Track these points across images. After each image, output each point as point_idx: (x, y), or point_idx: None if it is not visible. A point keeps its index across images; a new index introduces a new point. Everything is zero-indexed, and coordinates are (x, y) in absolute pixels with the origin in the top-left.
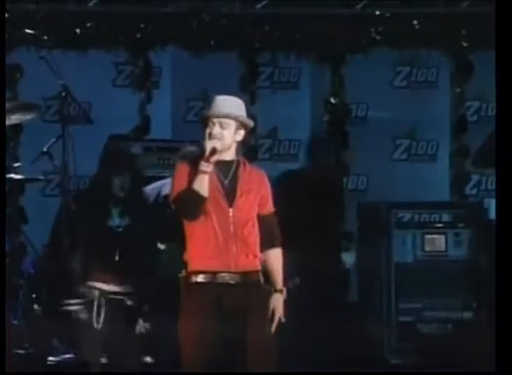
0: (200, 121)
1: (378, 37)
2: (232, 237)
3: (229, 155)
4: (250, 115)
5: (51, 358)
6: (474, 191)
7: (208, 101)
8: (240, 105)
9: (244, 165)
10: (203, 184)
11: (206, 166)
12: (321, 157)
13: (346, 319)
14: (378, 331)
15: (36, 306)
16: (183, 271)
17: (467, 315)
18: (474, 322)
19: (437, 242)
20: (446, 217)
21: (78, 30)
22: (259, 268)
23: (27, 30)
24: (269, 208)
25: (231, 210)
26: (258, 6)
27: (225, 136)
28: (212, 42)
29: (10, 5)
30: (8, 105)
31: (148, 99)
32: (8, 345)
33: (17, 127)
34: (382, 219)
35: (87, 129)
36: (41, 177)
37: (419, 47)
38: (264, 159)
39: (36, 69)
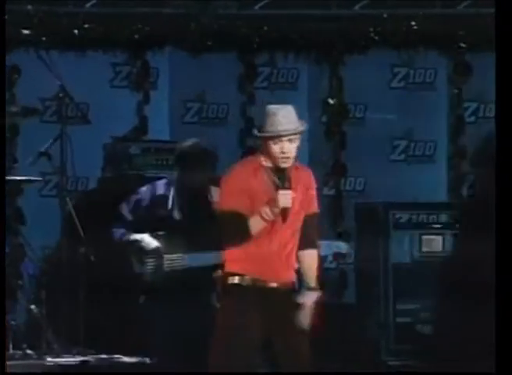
0: (263, 137)
1: (376, 38)
2: (277, 251)
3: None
4: (247, 116)
5: (49, 359)
6: (472, 192)
7: (205, 103)
8: (295, 113)
9: (296, 168)
10: (257, 227)
11: (268, 217)
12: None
13: (344, 320)
14: (376, 332)
15: (36, 307)
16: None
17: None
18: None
19: (434, 243)
20: (443, 218)
21: (76, 31)
22: (294, 280)
23: (25, 31)
24: (314, 208)
25: (283, 225)
26: (256, 7)
27: (294, 150)
28: (210, 43)
29: (8, 6)
30: (7, 108)
31: (146, 100)
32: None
33: (15, 128)
34: (380, 220)
35: (84, 129)
36: (39, 178)
37: (417, 48)
38: None
39: (34, 70)
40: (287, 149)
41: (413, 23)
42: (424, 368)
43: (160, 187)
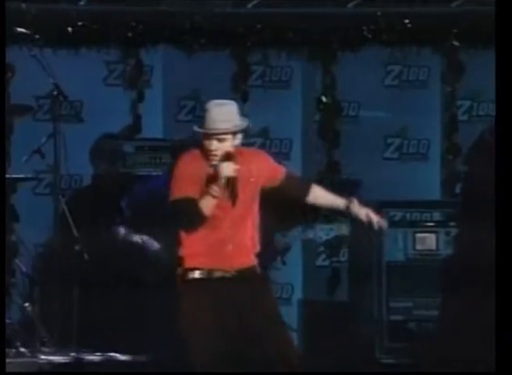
0: (195, 135)
1: (369, 36)
2: (230, 237)
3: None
4: (242, 114)
5: (42, 357)
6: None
7: (199, 101)
8: (233, 111)
9: (240, 153)
10: (209, 206)
11: (216, 191)
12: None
13: (337, 317)
14: (369, 330)
15: (29, 305)
16: (179, 268)
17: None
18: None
19: (428, 241)
20: (437, 216)
21: (69, 29)
22: (254, 263)
23: (19, 29)
24: (280, 172)
25: (231, 210)
26: (250, 5)
27: (224, 149)
28: (204, 41)
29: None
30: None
31: (140, 98)
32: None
33: (8, 126)
34: None
35: (78, 127)
36: (33, 176)
37: (410, 46)
38: None
39: (27, 68)
40: (215, 147)
41: (406, 20)
42: (417, 366)
43: (156, 182)
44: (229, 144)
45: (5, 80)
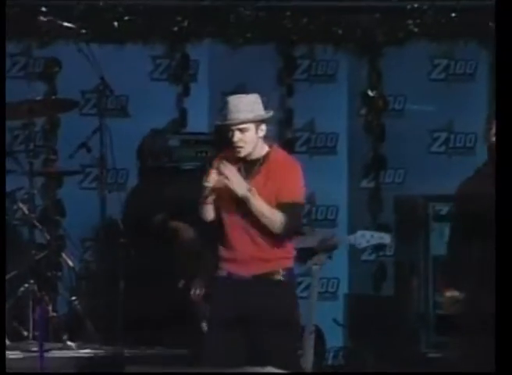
0: (217, 130)
1: (415, 30)
2: (246, 240)
3: (256, 154)
4: (286, 108)
5: (89, 350)
6: None
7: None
8: (253, 102)
9: (274, 157)
10: (207, 212)
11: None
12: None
13: (383, 312)
14: (415, 325)
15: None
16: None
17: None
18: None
19: None
20: None
21: (116, 24)
22: (275, 268)
23: (65, 24)
24: (285, 198)
25: (234, 216)
26: None
27: (247, 140)
28: (249, 35)
29: None
30: (47, 100)
31: (185, 92)
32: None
33: (55, 121)
34: (420, 212)
35: (124, 122)
36: (79, 170)
37: (457, 39)
38: (301, 152)
39: (74, 63)
40: (237, 138)
41: (453, 14)
42: (463, 359)
43: None
44: (252, 134)
45: (52, 74)
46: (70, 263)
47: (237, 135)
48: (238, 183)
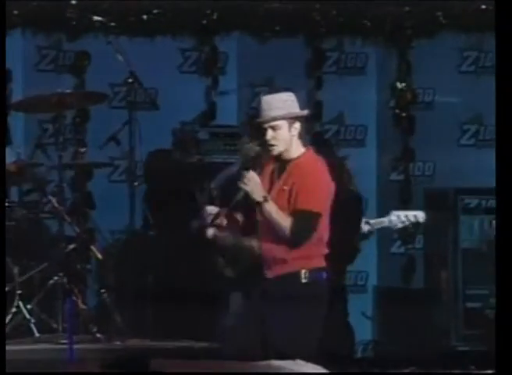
0: (251, 127)
1: (445, 22)
2: (259, 245)
3: (292, 154)
4: (315, 101)
5: (118, 343)
6: None
7: (273, 87)
8: (285, 100)
9: (302, 160)
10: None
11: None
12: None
13: (412, 305)
14: (445, 318)
15: (105, 291)
16: None
17: None
18: None
19: None
20: None
21: (145, 17)
22: (293, 269)
23: (95, 17)
24: (299, 204)
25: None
26: None
27: (280, 138)
28: (278, 28)
29: None
30: (77, 93)
31: (214, 85)
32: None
33: (84, 113)
34: (449, 205)
35: (153, 115)
36: (108, 163)
37: (487, 31)
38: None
39: (103, 56)
40: (270, 136)
41: (483, 6)
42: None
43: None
44: (284, 132)
45: (82, 67)
46: (99, 256)
47: (270, 133)
48: (254, 189)
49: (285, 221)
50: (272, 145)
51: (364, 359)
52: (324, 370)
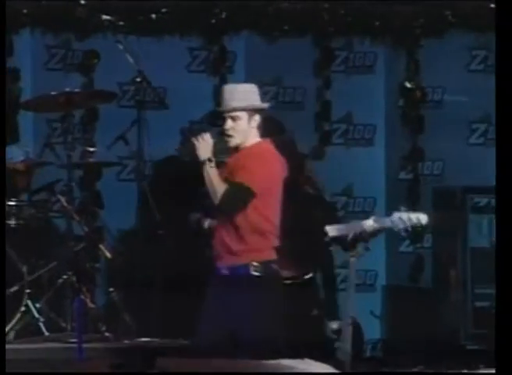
0: (212, 117)
1: (453, 21)
2: (216, 234)
3: (247, 144)
4: (323, 100)
5: (126, 341)
6: None
7: (282, 87)
8: (247, 91)
9: (253, 146)
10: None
11: None
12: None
13: (421, 304)
14: (454, 317)
15: (114, 290)
16: None
17: None
18: None
19: None
20: None
21: (153, 16)
22: (245, 261)
23: (103, 16)
24: (239, 177)
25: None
26: None
27: (238, 128)
28: (286, 27)
29: None
30: (86, 92)
31: (223, 84)
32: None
33: (93, 112)
34: (458, 204)
35: (162, 114)
36: (117, 162)
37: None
38: (339, 144)
39: (112, 55)
40: (228, 126)
41: (492, 5)
42: None
43: None
44: (243, 123)
45: (90, 66)
46: (108, 255)
47: (229, 123)
48: (203, 149)
49: (219, 187)
50: (230, 136)
51: (373, 358)
52: (333, 370)
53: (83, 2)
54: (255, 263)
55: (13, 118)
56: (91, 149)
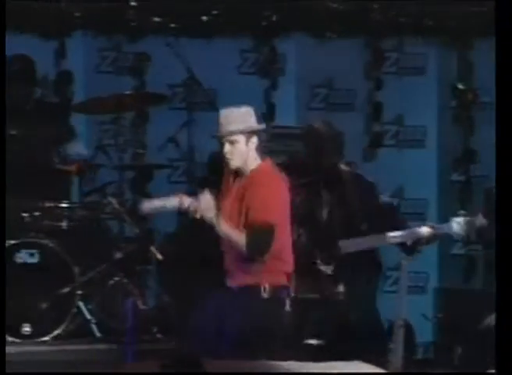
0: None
1: None
2: (226, 255)
3: (247, 167)
4: (375, 102)
5: (174, 343)
6: None
7: (332, 88)
8: (243, 114)
9: (257, 171)
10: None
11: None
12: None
13: (474, 307)
14: None
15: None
16: None
17: None
18: None
19: None
20: None
21: (204, 18)
22: (253, 282)
23: (155, 18)
24: (250, 220)
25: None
26: None
27: (236, 151)
28: (337, 28)
29: None
30: (137, 94)
31: (273, 86)
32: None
33: (144, 115)
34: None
35: (212, 116)
36: (168, 164)
37: None
38: (390, 146)
39: (163, 57)
40: (226, 150)
41: None
42: None
43: None
44: (241, 146)
45: (142, 69)
46: (159, 256)
47: (227, 147)
48: (205, 208)
49: (239, 238)
50: (229, 159)
51: (426, 361)
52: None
53: (133, 4)
54: (265, 286)
55: (66, 120)
56: (142, 151)
